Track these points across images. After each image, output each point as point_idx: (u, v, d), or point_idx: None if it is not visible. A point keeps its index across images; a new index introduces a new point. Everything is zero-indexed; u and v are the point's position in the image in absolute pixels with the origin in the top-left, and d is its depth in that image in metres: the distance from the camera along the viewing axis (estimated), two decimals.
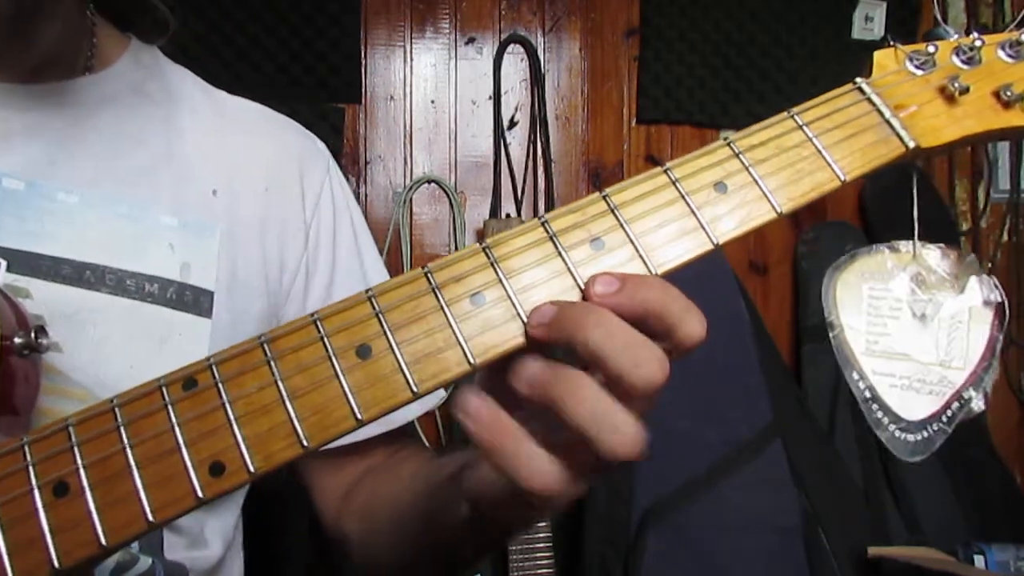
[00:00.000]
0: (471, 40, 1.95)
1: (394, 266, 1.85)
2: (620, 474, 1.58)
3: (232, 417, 0.37)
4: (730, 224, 0.40)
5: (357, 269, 0.71)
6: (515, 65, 1.96)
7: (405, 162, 1.91)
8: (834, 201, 2.04)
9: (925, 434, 1.14)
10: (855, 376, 1.12)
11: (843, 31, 1.99)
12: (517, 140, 1.96)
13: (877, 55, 0.47)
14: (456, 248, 1.89)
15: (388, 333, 0.38)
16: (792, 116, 0.44)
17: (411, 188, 1.89)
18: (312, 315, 0.38)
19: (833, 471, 1.70)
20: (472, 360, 0.38)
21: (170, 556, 0.60)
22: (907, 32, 2.03)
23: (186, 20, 1.69)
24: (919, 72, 0.46)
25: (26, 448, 0.37)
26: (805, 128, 0.43)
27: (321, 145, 0.74)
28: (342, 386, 0.37)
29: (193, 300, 0.60)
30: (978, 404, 1.15)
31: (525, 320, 0.38)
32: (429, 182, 1.91)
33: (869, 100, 0.45)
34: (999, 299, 1.12)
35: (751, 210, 0.41)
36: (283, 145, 0.70)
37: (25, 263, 0.54)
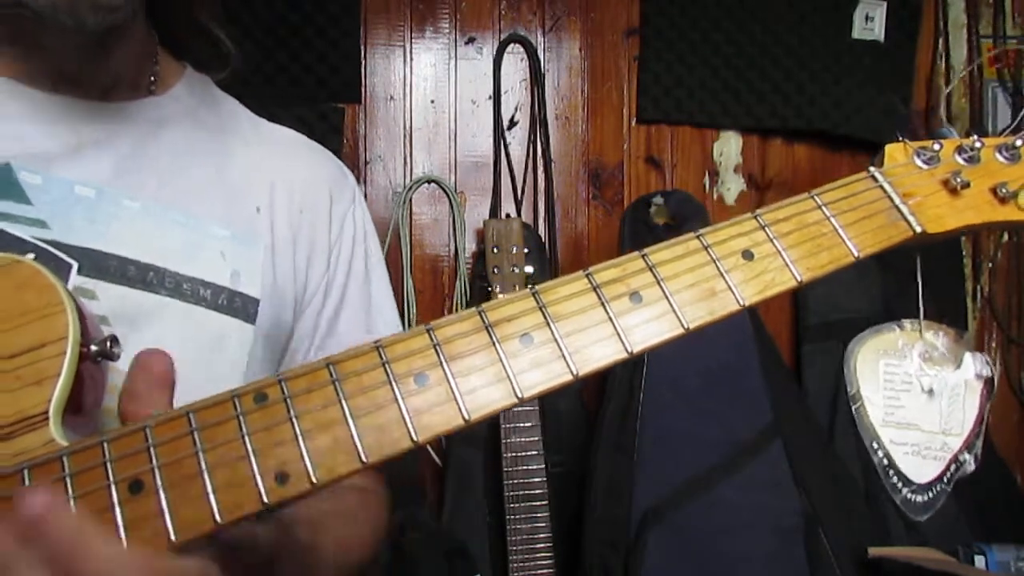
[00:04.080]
0: (471, 40, 1.95)
1: (394, 266, 1.85)
2: (620, 474, 1.58)
3: (298, 431, 0.39)
4: (755, 288, 0.46)
5: (364, 299, 0.76)
6: (515, 65, 1.96)
7: (405, 162, 1.91)
8: None
9: (931, 494, 1.29)
10: (874, 446, 1.25)
11: (843, 31, 1.99)
12: (517, 140, 1.96)
13: (888, 148, 0.52)
14: (456, 248, 1.89)
15: (444, 364, 0.41)
16: (812, 197, 0.49)
17: (411, 188, 1.89)
18: (376, 342, 0.42)
19: (833, 471, 1.70)
20: (519, 394, 0.41)
21: None
22: (907, 33, 2.03)
23: None
24: (925, 166, 0.51)
25: (105, 445, 0.39)
26: (824, 208, 0.48)
27: (350, 175, 0.79)
28: (400, 410, 0.40)
29: (241, 306, 0.63)
30: (970, 466, 1.27)
31: (570, 361, 0.42)
32: (429, 182, 1.91)
33: (881, 188, 0.50)
34: (989, 373, 1.26)
35: (774, 277, 0.46)
36: (317, 171, 0.75)
37: (94, 265, 0.57)
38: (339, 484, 0.66)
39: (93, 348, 0.44)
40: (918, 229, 0.49)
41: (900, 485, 1.23)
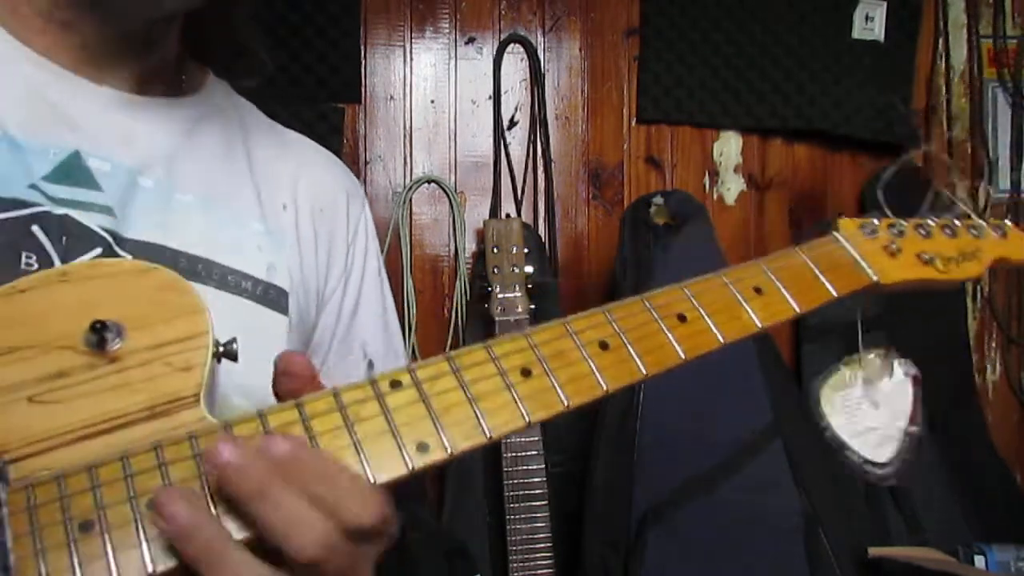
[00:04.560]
0: (471, 40, 1.95)
1: (394, 266, 1.85)
2: (620, 474, 1.58)
3: (432, 410, 0.46)
4: (765, 315, 0.59)
5: (379, 298, 0.79)
6: (515, 65, 1.96)
7: (405, 162, 1.91)
8: (834, 202, 2.05)
9: (892, 468, 1.65)
10: (848, 454, 1.66)
11: (843, 31, 1.99)
12: (517, 140, 1.96)
13: (841, 222, 0.68)
14: (456, 248, 1.89)
15: (543, 362, 0.50)
16: (798, 251, 0.64)
17: (411, 188, 1.89)
18: (485, 344, 0.50)
19: (833, 471, 1.70)
20: (606, 387, 0.50)
21: None
22: (907, 33, 2.04)
23: None
24: (869, 236, 0.67)
25: (262, 419, 0.44)
26: (807, 259, 0.63)
27: (359, 184, 0.83)
28: (513, 396, 0.48)
29: (276, 298, 0.65)
30: (917, 437, 1.67)
31: (640, 363, 0.52)
32: (429, 182, 1.91)
33: (844, 247, 0.66)
34: (914, 372, 1.65)
35: (777, 308, 0.60)
36: (332, 174, 0.78)
37: (149, 257, 0.57)
38: None
39: (221, 348, 0.49)
40: (875, 278, 0.65)
41: (868, 467, 1.65)
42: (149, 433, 0.44)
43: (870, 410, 1.66)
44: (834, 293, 0.62)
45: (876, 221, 0.68)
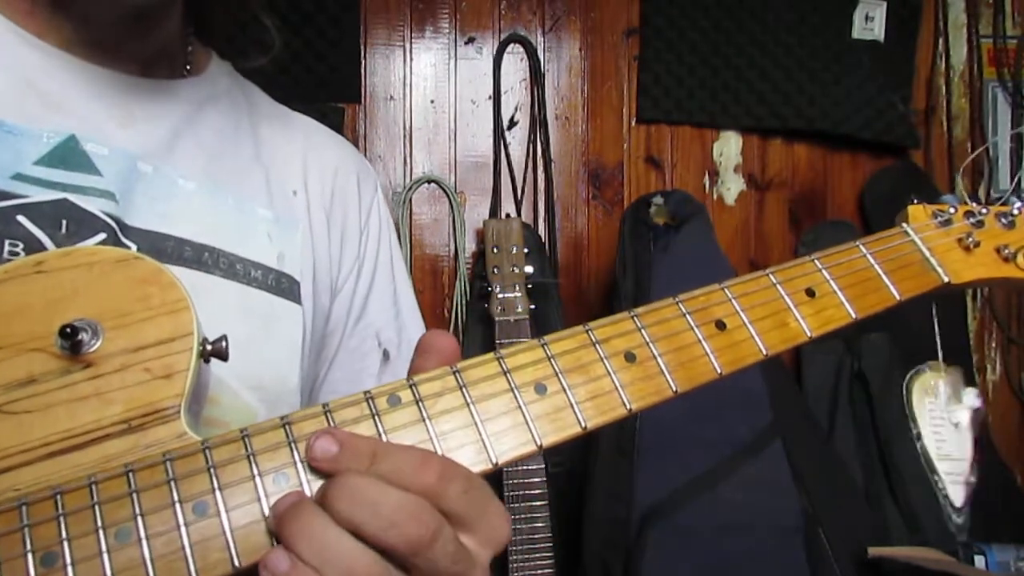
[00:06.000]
0: (471, 40, 1.95)
1: None
2: (620, 474, 1.58)
3: (432, 433, 0.42)
4: (817, 322, 0.52)
5: (390, 285, 0.77)
6: (515, 65, 1.96)
7: (405, 162, 1.91)
8: (834, 202, 2.05)
9: (965, 516, 1.47)
10: (935, 479, 1.45)
11: (843, 31, 1.99)
12: (517, 140, 1.96)
13: (910, 209, 0.60)
14: (456, 248, 1.89)
15: (560, 376, 0.45)
16: (858, 245, 0.56)
17: (411, 188, 1.89)
18: (496, 353, 0.46)
19: (833, 471, 1.70)
20: (630, 406, 0.46)
21: None
22: (907, 33, 2.03)
23: None
24: (942, 227, 0.59)
25: (247, 440, 0.41)
26: (869, 256, 0.56)
27: (370, 165, 0.81)
28: (524, 415, 0.44)
29: (288, 287, 0.63)
30: (974, 485, 1.45)
31: (670, 379, 0.47)
32: (429, 182, 1.91)
33: (914, 242, 0.58)
34: (978, 405, 1.41)
35: (832, 314, 0.52)
36: (343, 158, 0.76)
37: (152, 246, 0.56)
38: None
39: (209, 347, 0.45)
40: (946, 279, 0.57)
41: (951, 512, 1.45)
42: (125, 449, 0.41)
43: (951, 431, 1.42)
44: (898, 297, 0.55)
45: (952, 208, 0.60)
